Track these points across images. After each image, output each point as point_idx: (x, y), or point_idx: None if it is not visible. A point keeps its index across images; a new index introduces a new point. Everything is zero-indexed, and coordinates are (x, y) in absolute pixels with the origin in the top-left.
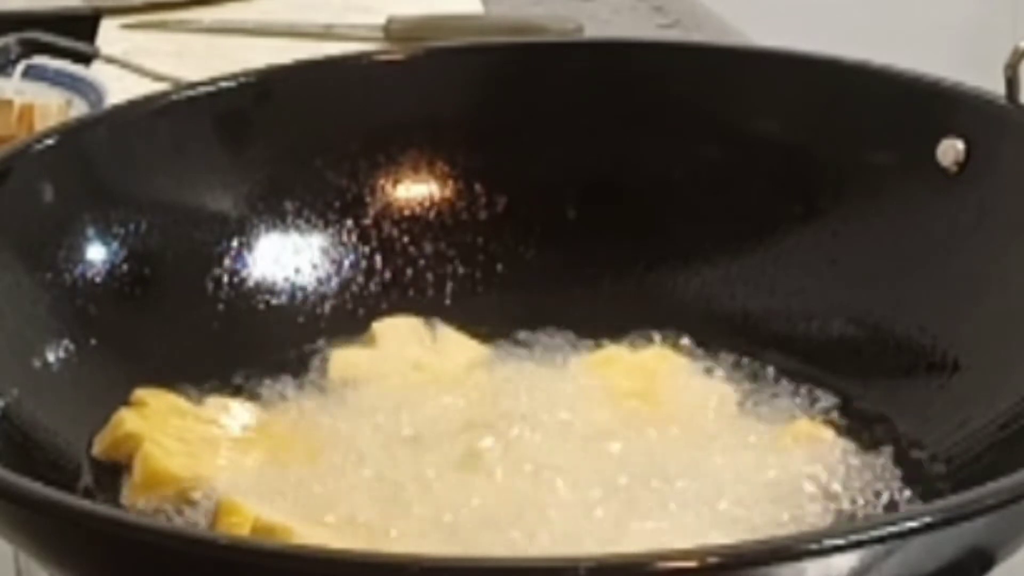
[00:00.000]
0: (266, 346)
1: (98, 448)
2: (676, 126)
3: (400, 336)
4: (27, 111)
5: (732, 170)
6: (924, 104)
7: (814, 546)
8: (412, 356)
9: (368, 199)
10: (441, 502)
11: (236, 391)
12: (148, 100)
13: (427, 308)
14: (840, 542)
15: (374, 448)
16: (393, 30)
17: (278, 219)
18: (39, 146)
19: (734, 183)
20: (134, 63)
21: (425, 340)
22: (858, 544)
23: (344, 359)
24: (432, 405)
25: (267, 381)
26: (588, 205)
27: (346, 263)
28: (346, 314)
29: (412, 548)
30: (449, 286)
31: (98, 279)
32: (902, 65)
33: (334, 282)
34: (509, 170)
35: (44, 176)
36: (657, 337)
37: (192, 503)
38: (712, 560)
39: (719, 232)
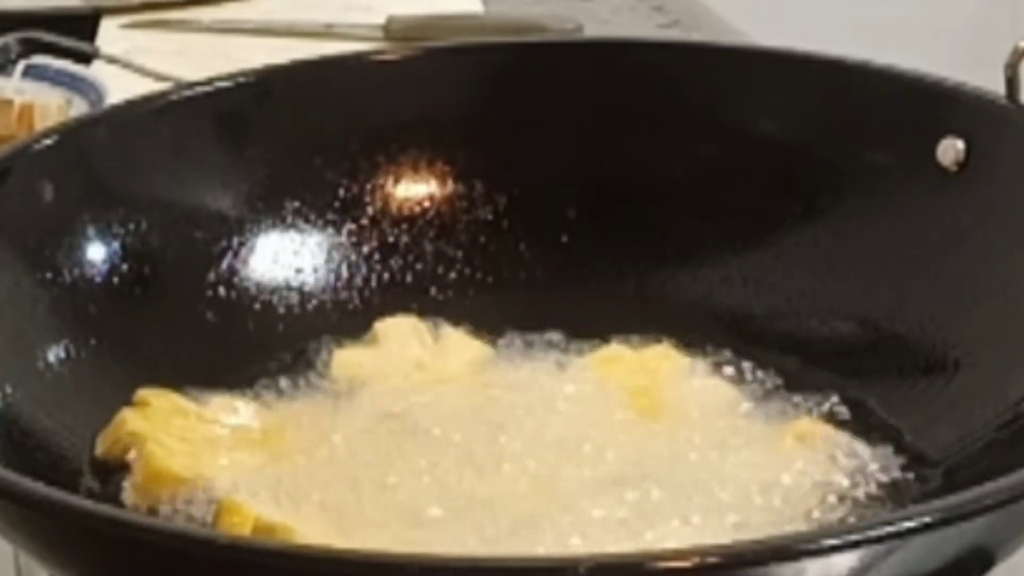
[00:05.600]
0: (268, 346)
1: (100, 448)
2: (676, 126)
3: (402, 336)
4: (27, 111)
5: (732, 170)
6: (924, 104)
7: (812, 546)
8: (414, 356)
9: (368, 199)
10: (442, 502)
11: (238, 391)
12: (148, 100)
13: (428, 308)
14: (838, 542)
15: (375, 448)
16: (393, 30)
17: (278, 219)
18: (39, 146)
19: (734, 183)
20: (134, 63)
21: (427, 340)
22: (856, 544)
23: (346, 359)
24: (434, 405)
25: (269, 381)
26: (588, 205)
27: (346, 263)
28: (347, 314)
29: (413, 548)
30: (450, 286)
31: (98, 279)
32: (902, 65)
33: (335, 281)
34: (509, 170)
35: (44, 176)
36: (658, 336)
37: (193, 503)
38: (711, 560)
39: (719, 232)
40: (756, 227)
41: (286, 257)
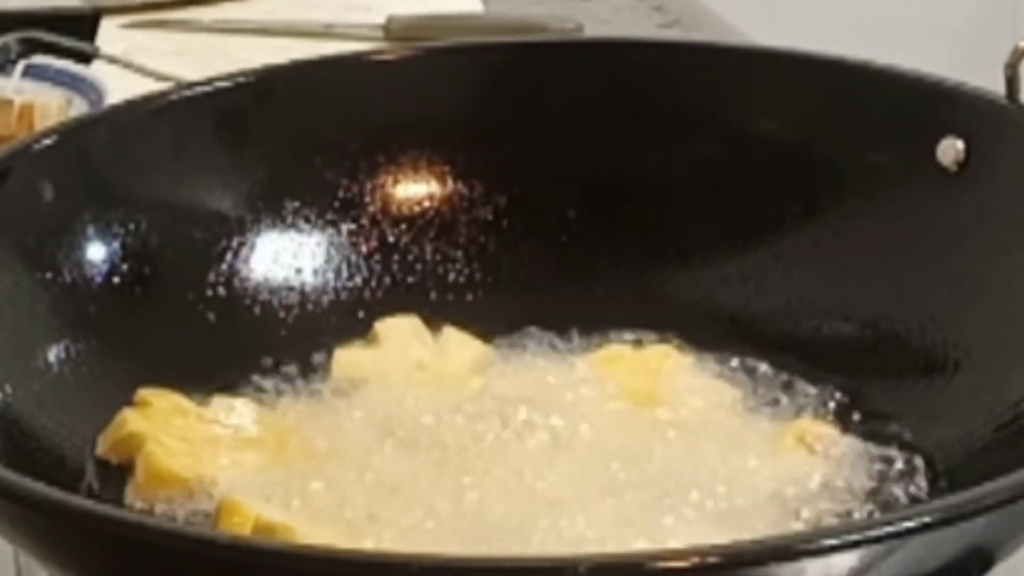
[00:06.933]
0: (268, 346)
1: (102, 448)
2: (676, 126)
3: (402, 336)
4: (27, 110)
5: (732, 170)
6: (924, 104)
7: (812, 546)
8: (414, 355)
9: (368, 198)
10: (442, 502)
11: (238, 391)
12: (148, 100)
13: (428, 307)
14: (838, 542)
15: (376, 447)
16: (393, 29)
17: (278, 219)
18: (39, 146)
19: (734, 183)
20: (134, 63)
21: (427, 340)
22: (856, 544)
23: (346, 358)
24: (434, 404)
25: (269, 381)
26: (588, 205)
27: (347, 262)
28: (347, 313)
29: (413, 548)
30: (450, 286)
31: (98, 279)
32: (902, 65)
33: (335, 281)
34: (509, 170)
35: (44, 176)
36: (658, 336)
37: (193, 503)
38: (710, 560)
39: (719, 232)
40: (756, 227)
41: (286, 257)
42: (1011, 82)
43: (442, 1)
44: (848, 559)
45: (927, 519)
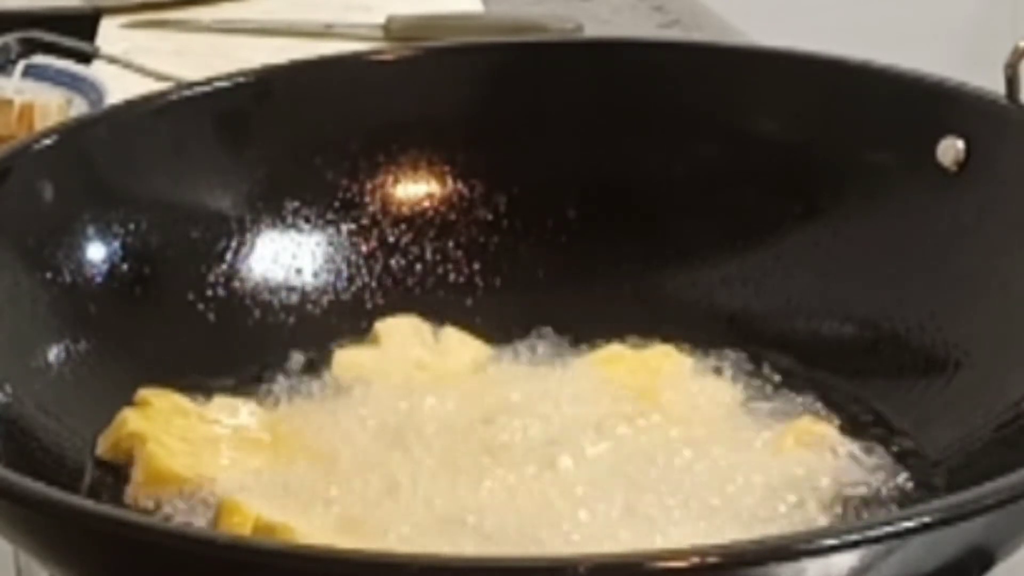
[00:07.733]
0: (268, 346)
1: (102, 448)
2: (676, 126)
3: (403, 336)
4: (27, 110)
5: (732, 170)
6: (924, 104)
7: (812, 546)
8: (415, 356)
9: (368, 198)
10: (443, 502)
11: (238, 391)
12: (148, 100)
13: (429, 308)
14: (837, 542)
15: (376, 448)
16: (393, 29)
17: (278, 219)
18: (39, 146)
19: (734, 183)
20: (134, 63)
21: (428, 340)
22: (856, 544)
23: (347, 358)
24: (435, 405)
25: (269, 381)
26: (588, 205)
27: (347, 262)
28: (348, 313)
29: (413, 548)
30: (450, 286)
31: (98, 279)
32: (902, 65)
33: (335, 281)
34: (509, 170)
35: (44, 176)
36: (658, 336)
37: (194, 503)
38: (710, 560)
39: (719, 232)
40: (756, 227)
41: (286, 257)
42: (1011, 82)
43: (442, 1)
44: (848, 559)
45: (927, 519)
